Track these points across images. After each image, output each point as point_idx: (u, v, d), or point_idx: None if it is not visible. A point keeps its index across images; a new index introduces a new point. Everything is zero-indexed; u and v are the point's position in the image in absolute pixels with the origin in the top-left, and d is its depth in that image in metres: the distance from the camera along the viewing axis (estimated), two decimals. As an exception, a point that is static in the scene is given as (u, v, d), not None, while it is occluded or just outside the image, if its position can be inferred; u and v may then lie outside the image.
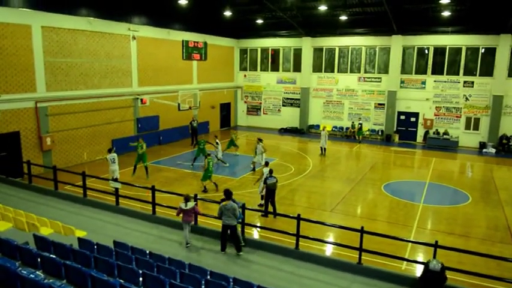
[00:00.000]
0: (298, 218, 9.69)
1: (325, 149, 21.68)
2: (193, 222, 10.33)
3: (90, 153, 19.26)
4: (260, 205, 13.37)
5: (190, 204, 10.03)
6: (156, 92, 22.91)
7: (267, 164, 13.83)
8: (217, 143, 19.17)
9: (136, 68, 21.69)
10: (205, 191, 14.87)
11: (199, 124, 24.66)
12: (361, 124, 26.64)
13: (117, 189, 12.48)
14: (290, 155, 21.69)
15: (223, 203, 9.43)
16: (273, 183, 12.42)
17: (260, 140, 18.35)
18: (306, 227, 10.30)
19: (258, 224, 11.79)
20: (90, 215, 11.87)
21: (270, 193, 12.48)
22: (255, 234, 11.21)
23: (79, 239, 8.09)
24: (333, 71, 28.39)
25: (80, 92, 18.56)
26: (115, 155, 14.82)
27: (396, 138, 26.55)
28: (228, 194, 9.51)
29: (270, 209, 12.62)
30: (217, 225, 10.43)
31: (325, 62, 28.61)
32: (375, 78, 27.05)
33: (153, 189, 11.67)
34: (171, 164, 19.15)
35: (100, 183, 14.34)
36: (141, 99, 21.83)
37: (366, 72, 27.37)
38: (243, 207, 10.05)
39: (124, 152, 19.27)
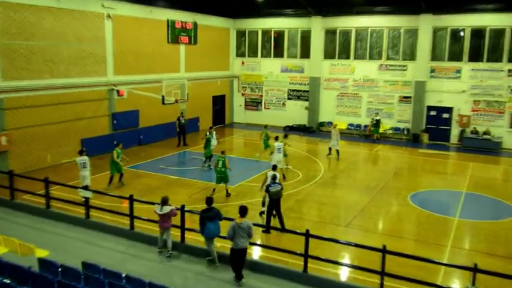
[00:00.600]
0: (307, 235, 9.65)
1: (337, 150, 21.63)
2: (170, 228, 10.60)
3: (55, 156, 19.17)
4: (262, 213, 13.49)
5: (166, 208, 10.19)
6: (135, 82, 22.84)
7: (274, 167, 13.74)
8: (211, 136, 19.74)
9: (112, 53, 21.63)
10: (228, 195, 15.47)
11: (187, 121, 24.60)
12: (377, 120, 26.61)
13: (87, 198, 12.45)
14: (297, 158, 21.60)
15: (237, 220, 9.25)
16: (277, 191, 12.38)
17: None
18: (316, 246, 10.22)
19: (259, 242, 11.68)
20: (54, 230, 11.81)
21: (273, 203, 12.42)
22: (255, 253, 11.12)
23: (40, 259, 8.03)
24: (348, 58, 28.34)
25: (43, 82, 18.47)
26: (86, 158, 14.76)
27: (425, 138, 26.49)
28: (243, 210, 9.39)
29: (276, 222, 12.53)
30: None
31: (339, 47, 28.56)
32: (399, 66, 27.00)
33: (131, 199, 11.63)
34: (153, 168, 19.08)
35: (67, 191, 14.23)
36: (118, 91, 21.77)
37: (388, 58, 27.31)
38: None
39: (97, 155, 19.19)
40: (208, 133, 19.84)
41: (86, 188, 13.26)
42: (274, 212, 12.58)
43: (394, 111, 27.40)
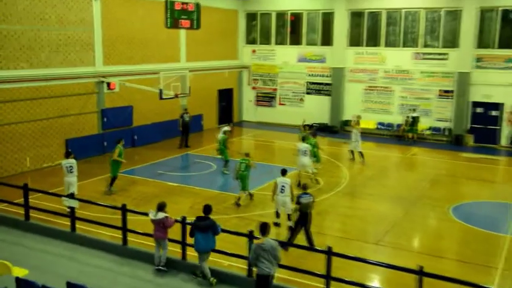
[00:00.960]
0: (329, 253, 9.63)
1: (361, 153, 21.59)
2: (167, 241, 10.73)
3: (35, 159, 19.33)
4: (276, 224, 13.73)
5: (161, 214, 10.34)
6: (128, 74, 22.98)
7: (283, 172, 13.90)
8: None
9: (100, 39, 21.79)
10: (238, 204, 15.69)
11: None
12: (414, 117, 26.45)
13: (73, 208, 12.48)
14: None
15: (259, 241, 9.17)
16: (309, 203, 12.52)
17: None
18: (340, 265, 10.20)
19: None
20: (34, 245, 11.85)
21: (303, 217, 12.47)
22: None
23: (18, 279, 8.06)
24: (377, 45, 28.28)
25: (20, 72, 18.62)
26: (74, 161, 14.84)
27: (469, 140, 26.30)
28: (264, 228, 9.18)
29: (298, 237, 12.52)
30: (219, 262, 10.41)
31: (366, 32, 28.52)
32: (439, 54, 26.83)
33: (123, 210, 11.64)
34: (149, 174, 19.19)
35: (49, 200, 14.35)
36: (108, 84, 21.90)
37: (425, 46, 27.19)
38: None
39: (83, 158, 19.30)
40: (223, 132, 19.93)
41: (71, 196, 13.29)
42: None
43: (432, 108, 27.19)
